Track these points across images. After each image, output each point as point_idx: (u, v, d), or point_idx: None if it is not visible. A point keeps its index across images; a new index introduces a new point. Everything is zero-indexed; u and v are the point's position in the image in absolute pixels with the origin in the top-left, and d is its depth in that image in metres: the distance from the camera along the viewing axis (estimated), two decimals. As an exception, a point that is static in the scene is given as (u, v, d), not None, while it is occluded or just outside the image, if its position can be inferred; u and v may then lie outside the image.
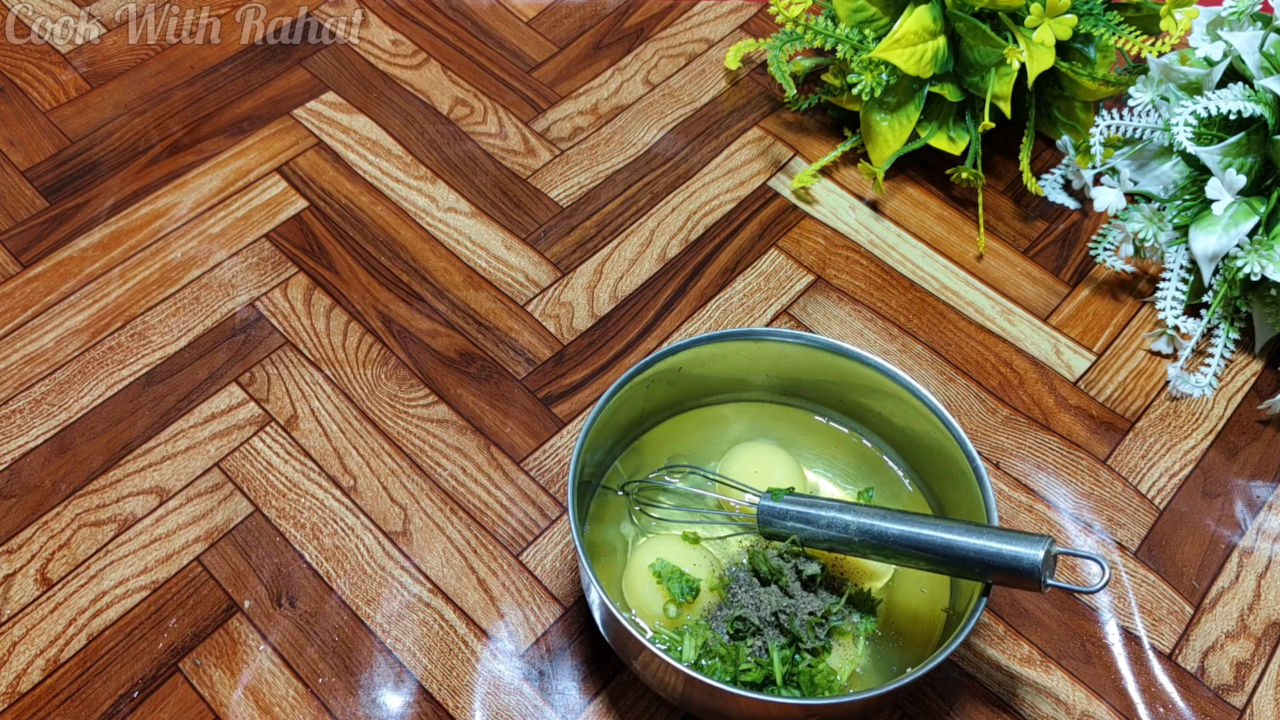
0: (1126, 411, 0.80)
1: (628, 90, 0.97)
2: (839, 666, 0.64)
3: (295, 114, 0.94)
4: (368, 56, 0.99)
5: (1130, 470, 0.77)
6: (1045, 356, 0.83)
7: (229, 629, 0.69)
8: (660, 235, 0.88)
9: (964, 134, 0.89)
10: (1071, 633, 0.70)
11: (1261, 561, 0.74)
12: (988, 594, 0.59)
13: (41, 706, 0.66)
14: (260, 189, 0.89)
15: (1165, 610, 0.71)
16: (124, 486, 0.74)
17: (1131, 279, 0.87)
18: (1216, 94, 0.78)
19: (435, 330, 0.82)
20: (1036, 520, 0.75)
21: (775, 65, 0.86)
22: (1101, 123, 0.83)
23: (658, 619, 0.64)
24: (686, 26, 1.02)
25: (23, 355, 0.80)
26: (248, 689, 0.67)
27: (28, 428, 0.77)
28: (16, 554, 0.71)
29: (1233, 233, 0.78)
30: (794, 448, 0.73)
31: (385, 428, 0.77)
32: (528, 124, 0.95)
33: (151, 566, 0.71)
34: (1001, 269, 0.87)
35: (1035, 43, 0.81)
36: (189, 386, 0.79)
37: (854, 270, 0.87)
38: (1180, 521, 0.75)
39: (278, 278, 0.85)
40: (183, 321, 0.82)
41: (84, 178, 0.90)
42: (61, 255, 0.85)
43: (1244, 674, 0.69)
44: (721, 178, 0.92)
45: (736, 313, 0.84)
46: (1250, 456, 0.78)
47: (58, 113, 0.94)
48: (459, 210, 0.89)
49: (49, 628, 0.69)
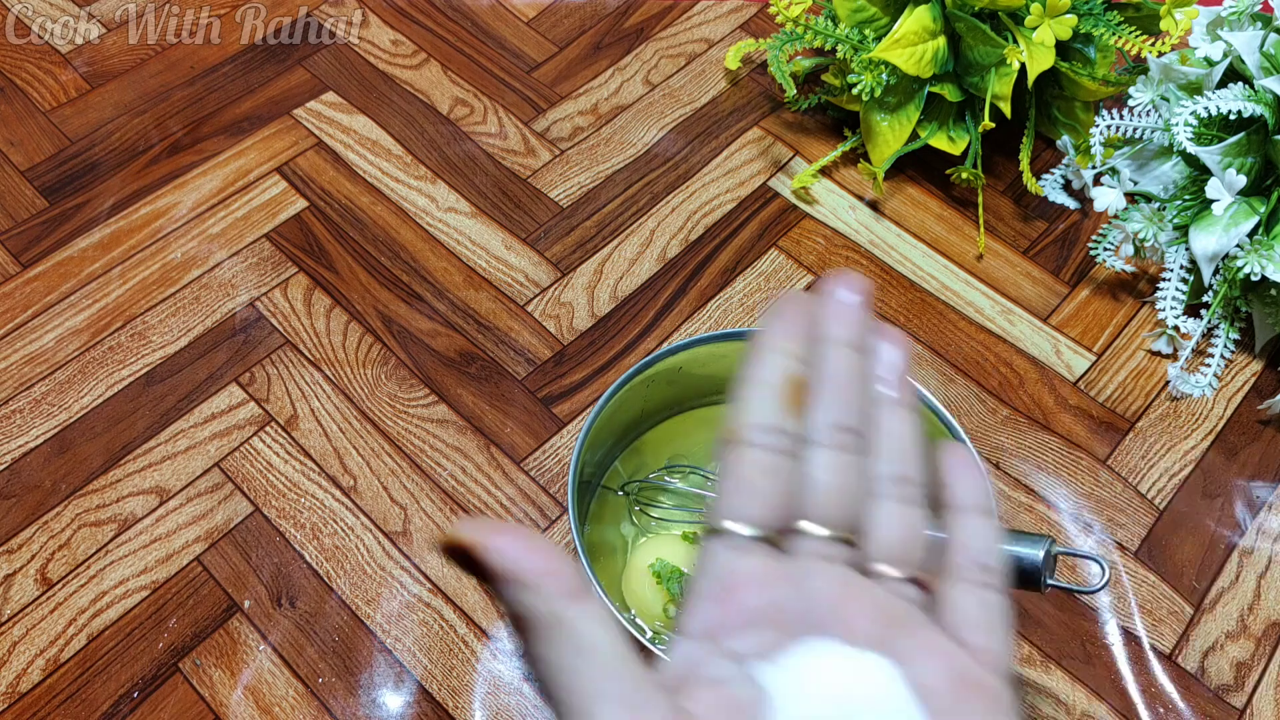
0: (1126, 411, 0.80)
1: (628, 90, 0.97)
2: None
3: (295, 114, 0.94)
4: (368, 56, 0.99)
5: (1130, 470, 0.77)
6: (1045, 357, 0.83)
7: (229, 629, 0.69)
8: (660, 235, 0.88)
9: (964, 134, 0.89)
10: (1071, 633, 0.70)
11: (1261, 561, 0.74)
12: (988, 594, 0.59)
13: (41, 706, 0.66)
14: (260, 189, 0.89)
15: (1165, 610, 0.71)
16: (124, 486, 0.74)
17: (1131, 279, 0.87)
18: (1216, 94, 0.78)
19: (435, 330, 0.82)
20: (1037, 520, 0.75)
21: (775, 65, 0.86)
22: (1101, 123, 0.83)
23: (658, 619, 0.64)
24: (686, 26, 1.02)
25: (23, 355, 0.80)
26: (248, 689, 0.67)
27: (28, 428, 0.77)
28: (16, 554, 0.71)
29: (1233, 233, 0.78)
30: (794, 448, 0.73)
31: (385, 428, 0.77)
32: (528, 124, 0.95)
33: (151, 566, 0.71)
34: (1001, 269, 0.87)
35: (1035, 43, 0.81)
36: (189, 386, 0.79)
37: (854, 270, 0.87)
38: (1180, 522, 0.75)
39: (278, 278, 0.85)
40: (183, 321, 0.82)
41: (84, 178, 0.90)
42: (61, 255, 0.85)
43: (1244, 674, 0.69)
44: (721, 178, 0.92)
45: (737, 313, 0.84)
46: (1250, 457, 0.78)
47: (58, 113, 0.94)
48: (459, 210, 0.89)
49: (49, 628, 0.69)
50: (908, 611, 0.34)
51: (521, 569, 0.29)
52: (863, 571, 0.35)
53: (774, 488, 0.34)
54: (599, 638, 0.30)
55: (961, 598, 0.35)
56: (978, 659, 0.34)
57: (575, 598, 0.30)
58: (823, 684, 0.31)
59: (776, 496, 0.34)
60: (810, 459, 0.35)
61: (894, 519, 0.36)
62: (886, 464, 0.36)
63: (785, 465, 0.35)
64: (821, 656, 0.32)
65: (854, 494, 0.36)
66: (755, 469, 0.34)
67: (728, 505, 0.34)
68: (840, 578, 0.34)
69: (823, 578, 0.34)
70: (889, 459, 0.36)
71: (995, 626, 0.35)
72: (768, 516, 0.34)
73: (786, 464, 0.35)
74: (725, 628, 0.32)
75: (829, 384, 0.36)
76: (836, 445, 0.36)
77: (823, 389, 0.36)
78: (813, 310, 0.37)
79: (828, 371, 0.36)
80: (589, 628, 0.30)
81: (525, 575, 0.29)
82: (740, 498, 0.34)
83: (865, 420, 0.37)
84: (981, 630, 0.34)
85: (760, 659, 0.32)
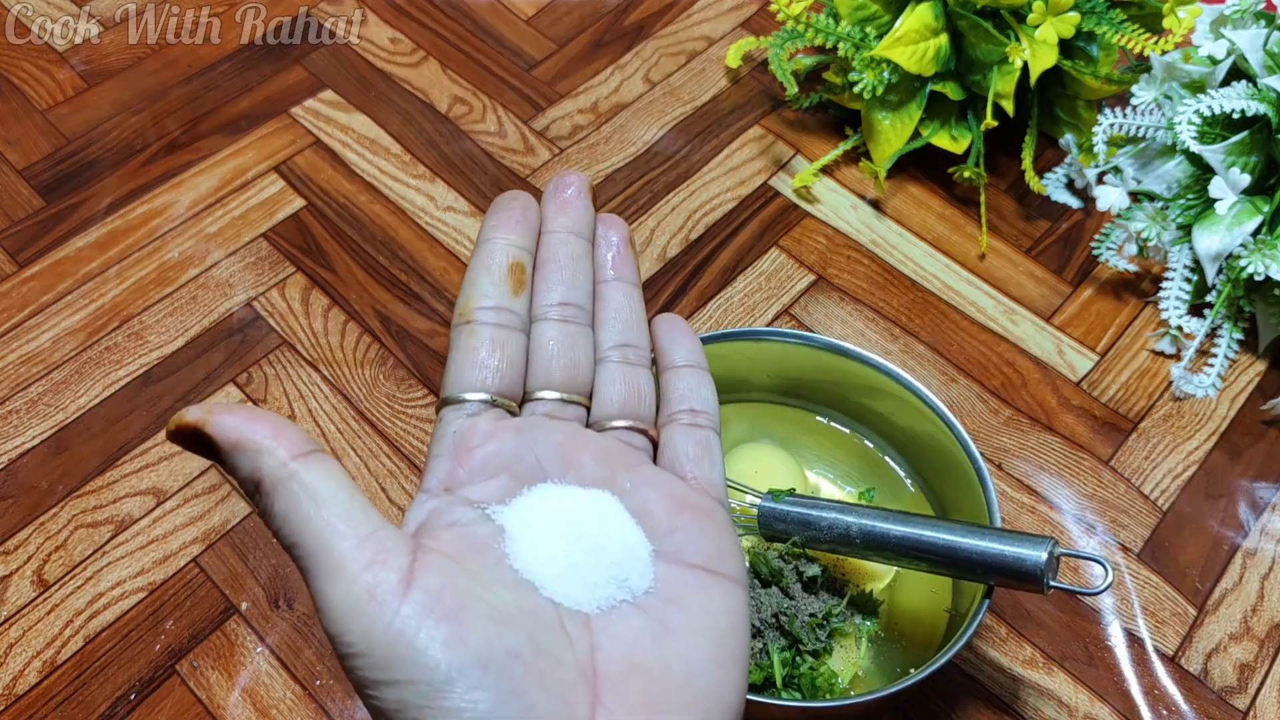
0: (1130, 412, 0.80)
1: (628, 88, 0.97)
2: (840, 669, 0.63)
3: (293, 112, 0.94)
4: (366, 55, 0.99)
5: (1133, 471, 0.77)
6: (1048, 357, 0.82)
7: (226, 631, 0.68)
8: (660, 234, 0.88)
9: (966, 133, 0.89)
10: (1074, 635, 0.70)
11: (1265, 563, 0.73)
12: (990, 596, 0.59)
13: (38, 709, 0.65)
14: (258, 188, 0.89)
15: (1168, 612, 0.71)
16: (121, 487, 0.74)
17: (1134, 279, 0.86)
18: (1220, 92, 0.78)
19: (434, 330, 0.82)
20: (1039, 522, 0.74)
21: (776, 63, 0.86)
22: (1104, 121, 0.83)
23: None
24: (687, 24, 1.02)
25: (19, 355, 0.80)
26: (245, 691, 0.66)
27: (24, 428, 0.76)
28: (13, 555, 0.71)
29: (1236, 232, 0.78)
30: (795, 448, 0.72)
31: (383, 428, 0.77)
32: (527, 122, 0.94)
33: (149, 568, 0.71)
34: (1004, 268, 0.87)
35: (1038, 41, 0.81)
36: (186, 386, 0.78)
37: (855, 270, 0.86)
38: (1183, 523, 0.75)
39: (275, 277, 0.84)
40: (180, 321, 0.82)
41: (80, 177, 0.89)
42: (58, 255, 0.85)
43: (1247, 676, 0.69)
44: (722, 176, 0.91)
45: (737, 312, 0.84)
46: (1254, 457, 0.78)
47: (54, 111, 0.94)
48: (457, 209, 0.89)
49: (45, 629, 0.68)
50: (629, 453, 0.39)
51: (249, 436, 0.31)
52: (594, 429, 0.40)
53: (501, 358, 0.38)
54: (331, 488, 0.32)
55: (677, 438, 0.40)
56: (692, 486, 0.38)
57: (304, 454, 0.32)
58: (553, 517, 0.35)
59: (504, 367, 0.38)
60: (538, 333, 0.40)
61: (618, 378, 0.40)
62: (610, 334, 0.41)
63: (513, 338, 0.39)
64: (551, 495, 0.36)
65: (581, 361, 0.40)
66: (483, 343, 0.38)
67: (457, 378, 0.38)
68: (567, 431, 0.38)
69: (550, 431, 0.38)
70: (613, 329, 0.41)
71: (706, 459, 0.40)
72: (497, 385, 0.38)
73: (514, 338, 0.39)
74: (462, 480, 0.36)
75: (552, 265, 0.41)
76: (562, 318, 0.40)
77: (546, 270, 0.41)
78: (535, 204, 0.41)
79: (549, 255, 0.41)
80: (321, 480, 0.31)
81: (255, 440, 0.31)
82: (469, 369, 0.38)
83: (589, 298, 0.41)
84: (695, 463, 0.39)
85: (496, 504, 0.35)
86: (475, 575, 0.32)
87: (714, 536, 0.37)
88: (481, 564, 0.33)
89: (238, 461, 0.32)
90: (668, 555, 0.36)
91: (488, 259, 0.40)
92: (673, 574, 0.35)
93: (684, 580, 0.35)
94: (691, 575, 0.35)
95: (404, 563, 0.31)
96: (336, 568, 0.30)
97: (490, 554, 0.33)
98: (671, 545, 0.36)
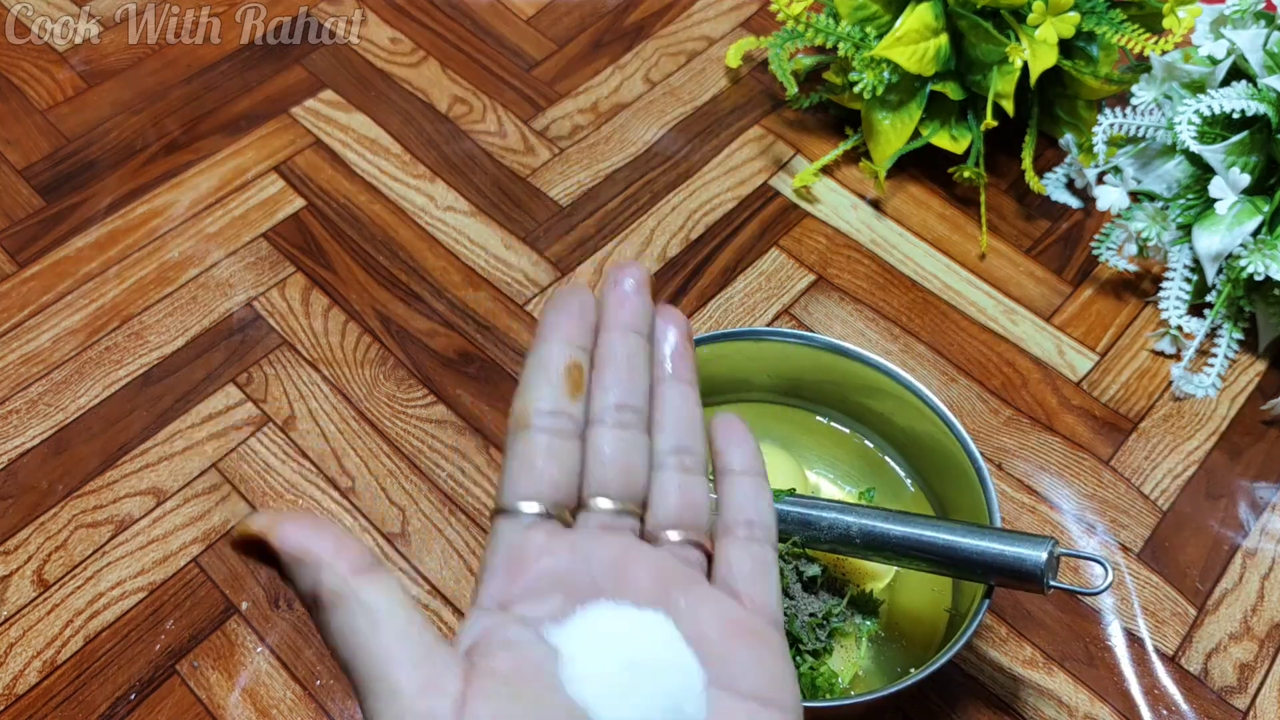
0: (1130, 412, 0.80)
1: (628, 88, 0.97)
2: (841, 669, 0.63)
3: (293, 112, 0.94)
4: (366, 54, 0.98)
5: (1133, 471, 0.77)
6: (1048, 357, 0.82)
7: (226, 631, 0.68)
8: (660, 234, 0.88)
9: (966, 132, 0.89)
10: (1074, 635, 0.70)
11: (1265, 563, 0.73)
12: (990, 595, 0.59)
13: (38, 708, 0.65)
14: (258, 188, 0.89)
15: (1168, 612, 0.71)
16: (121, 487, 0.74)
17: (1135, 278, 0.86)
18: (1220, 92, 0.77)
19: (434, 330, 0.82)
20: (1039, 522, 0.74)
21: (776, 63, 0.86)
22: (1104, 121, 0.83)
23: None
24: (687, 24, 1.02)
25: (19, 355, 0.80)
26: (245, 691, 0.66)
27: (24, 428, 0.76)
28: (13, 555, 0.71)
29: (1236, 232, 0.78)
30: (795, 448, 0.72)
31: (383, 428, 0.77)
32: (527, 122, 0.94)
33: (149, 568, 0.71)
34: (1004, 268, 0.87)
35: (1038, 41, 0.80)
36: (186, 387, 0.78)
37: (856, 270, 0.86)
38: (1184, 523, 0.75)
39: (275, 277, 0.84)
40: (180, 321, 0.82)
41: (80, 177, 0.89)
42: (58, 255, 0.85)
43: (1247, 676, 0.69)
44: (722, 176, 0.91)
45: (737, 312, 0.84)
46: (1254, 457, 0.78)
47: (54, 111, 0.94)
48: (457, 209, 0.89)
49: (46, 629, 0.68)
50: (683, 571, 0.37)
51: (311, 549, 0.31)
52: (648, 539, 0.38)
53: (557, 467, 0.37)
54: (390, 607, 0.31)
55: (733, 553, 0.38)
56: (746, 607, 0.37)
57: (364, 572, 0.32)
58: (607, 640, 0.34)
59: (560, 475, 0.37)
60: (594, 437, 0.38)
61: (673, 487, 0.39)
62: (667, 437, 0.39)
63: (568, 446, 0.38)
64: (605, 616, 0.35)
65: (636, 467, 0.38)
66: (538, 451, 0.37)
67: (513, 486, 0.37)
68: (621, 545, 0.37)
69: (605, 546, 0.37)
70: (669, 432, 0.39)
71: (762, 577, 0.38)
72: (552, 494, 0.37)
73: (570, 445, 0.38)
74: (516, 597, 0.35)
75: (609, 366, 0.39)
76: (618, 423, 0.38)
77: (604, 371, 0.39)
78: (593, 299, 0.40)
79: (608, 355, 0.39)
80: (379, 599, 0.31)
81: (316, 555, 0.31)
82: (525, 479, 0.37)
83: (646, 398, 0.40)
84: (750, 581, 0.38)
85: (550, 623, 0.34)
86: (528, 703, 0.32)
87: (768, 664, 0.36)
88: (535, 690, 0.32)
89: (299, 574, 0.32)
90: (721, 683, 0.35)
91: (545, 359, 0.38)
92: (726, 704, 0.34)
93: (737, 712, 0.34)
94: (745, 708, 0.35)
95: (457, 688, 0.31)
96: (391, 692, 0.30)
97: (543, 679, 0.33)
98: (726, 673, 0.35)
